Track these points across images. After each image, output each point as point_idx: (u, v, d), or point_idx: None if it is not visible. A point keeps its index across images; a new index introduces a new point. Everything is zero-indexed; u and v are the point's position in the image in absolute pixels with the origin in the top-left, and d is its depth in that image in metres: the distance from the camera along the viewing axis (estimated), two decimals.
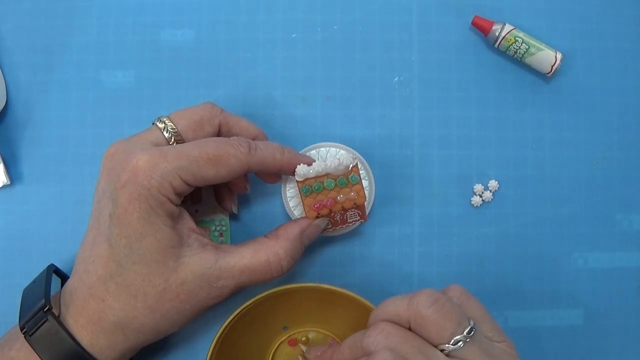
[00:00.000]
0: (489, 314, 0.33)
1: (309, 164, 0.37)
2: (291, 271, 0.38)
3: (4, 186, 0.44)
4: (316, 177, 0.37)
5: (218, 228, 0.43)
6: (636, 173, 0.45)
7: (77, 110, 0.45)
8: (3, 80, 0.45)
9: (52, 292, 0.36)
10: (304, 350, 0.42)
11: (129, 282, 0.33)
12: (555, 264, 0.45)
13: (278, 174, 0.40)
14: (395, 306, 0.32)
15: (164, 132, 0.36)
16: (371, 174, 0.42)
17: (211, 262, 0.35)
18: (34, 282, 0.37)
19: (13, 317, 0.35)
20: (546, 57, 0.44)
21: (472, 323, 0.31)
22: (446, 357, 0.30)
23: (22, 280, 0.38)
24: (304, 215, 0.39)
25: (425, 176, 0.45)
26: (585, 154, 0.45)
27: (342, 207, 0.38)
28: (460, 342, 0.30)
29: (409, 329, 0.31)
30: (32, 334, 0.33)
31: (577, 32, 0.46)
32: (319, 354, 0.38)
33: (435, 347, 0.30)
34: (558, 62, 0.44)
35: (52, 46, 0.45)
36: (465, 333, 0.30)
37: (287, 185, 0.41)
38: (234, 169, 0.35)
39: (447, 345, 0.30)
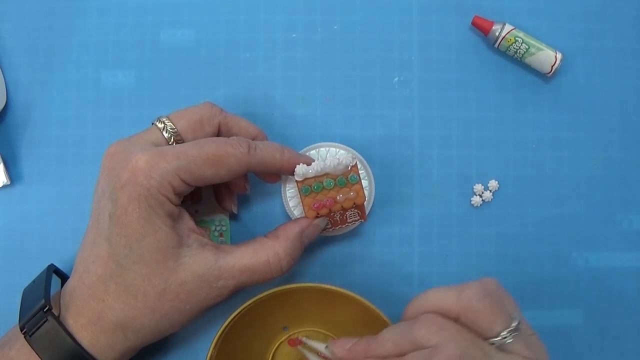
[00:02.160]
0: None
1: (309, 164, 0.37)
2: (291, 271, 0.38)
3: (4, 186, 0.44)
4: (315, 177, 0.37)
5: (218, 228, 0.43)
6: (636, 173, 0.45)
7: (77, 110, 0.45)
8: (3, 80, 0.45)
9: (52, 292, 0.36)
10: (323, 349, 0.38)
11: (129, 282, 0.33)
12: (555, 264, 0.45)
13: (278, 174, 0.40)
14: (443, 298, 0.31)
15: (164, 132, 0.36)
16: (371, 174, 0.42)
17: (211, 262, 0.35)
18: (34, 282, 0.37)
19: (13, 317, 0.35)
20: (546, 57, 0.44)
21: (517, 317, 0.30)
22: (497, 351, 0.29)
23: (22, 280, 0.38)
24: (303, 215, 0.39)
25: (425, 176, 0.45)
26: (585, 154, 0.45)
27: (342, 207, 0.38)
28: (509, 337, 0.29)
29: (456, 320, 0.30)
30: (32, 334, 0.33)
31: (577, 32, 0.46)
32: (347, 347, 0.34)
33: (485, 339, 0.30)
34: (558, 62, 0.44)
35: (52, 46, 0.45)
36: (513, 327, 0.30)
37: (287, 185, 0.41)
38: (234, 169, 0.35)
39: (496, 339, 0.29)
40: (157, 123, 0.37)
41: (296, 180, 0.37)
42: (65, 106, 0.45)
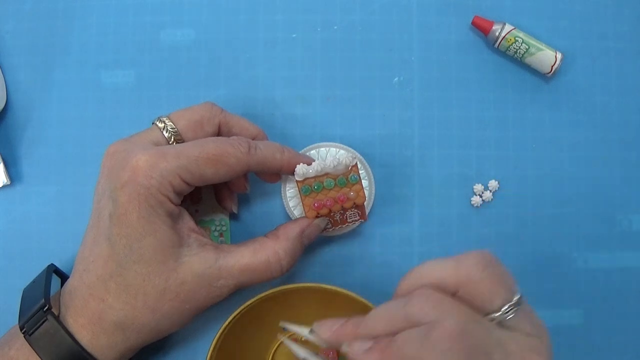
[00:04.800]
0: None
1: (309, 164, 0.37)
2: (291, 271, 0.38)
3: (4, 186, 0.44)
4: (316, 177, 0.37)
5: (218, 228, 0.43)
6: (636, 173, 0.45)
7: (77, 110, 0.45)
8: (3, 80, 0.45)
9: (52, 292, 0.36)
10: (306, 333, 0.35)
11: (129, 281, 0.33)
12: (555, 264, 0.44)
13: (278, 174, 0.40)
14: (440, 269, 0.29)
15: (164, 132, 0.36)
16: (371, 174, 0.42)
17: (211, 261, 0.35)
18: (33, 282, 0.38)
19: (13, 317, 0.35)
20: (546, 57, 0.44)
21: (517, 291, 0.28)
22: (498, 327, 0.27)
23: (22, 280, 0.38)
24: (303, 215, 0.39)
25: (425, 176, 0.45)
26: (585, 154, 0.45)
27: (342, 206, 0.38)
28: (511, 311, 0.27)
29: (453, 295, 0.28)
30: (32, 333, 0.33)
31: (577, 32, 0.46)
32: (334, 328, 0.32)
33: (484, 316, 0.27)
34: (558, 62, 0.44)
35: (52, 46, 0.45)
36: (515, 300, 0.27)
37: (287, 185, 0.41)
38: (234, 168, 0.35)
39: (496, 314, 0.27)
40: (158, 123, 0.37)
41: (296, 180, 0.37)
42: (65, 106, 0.45)
